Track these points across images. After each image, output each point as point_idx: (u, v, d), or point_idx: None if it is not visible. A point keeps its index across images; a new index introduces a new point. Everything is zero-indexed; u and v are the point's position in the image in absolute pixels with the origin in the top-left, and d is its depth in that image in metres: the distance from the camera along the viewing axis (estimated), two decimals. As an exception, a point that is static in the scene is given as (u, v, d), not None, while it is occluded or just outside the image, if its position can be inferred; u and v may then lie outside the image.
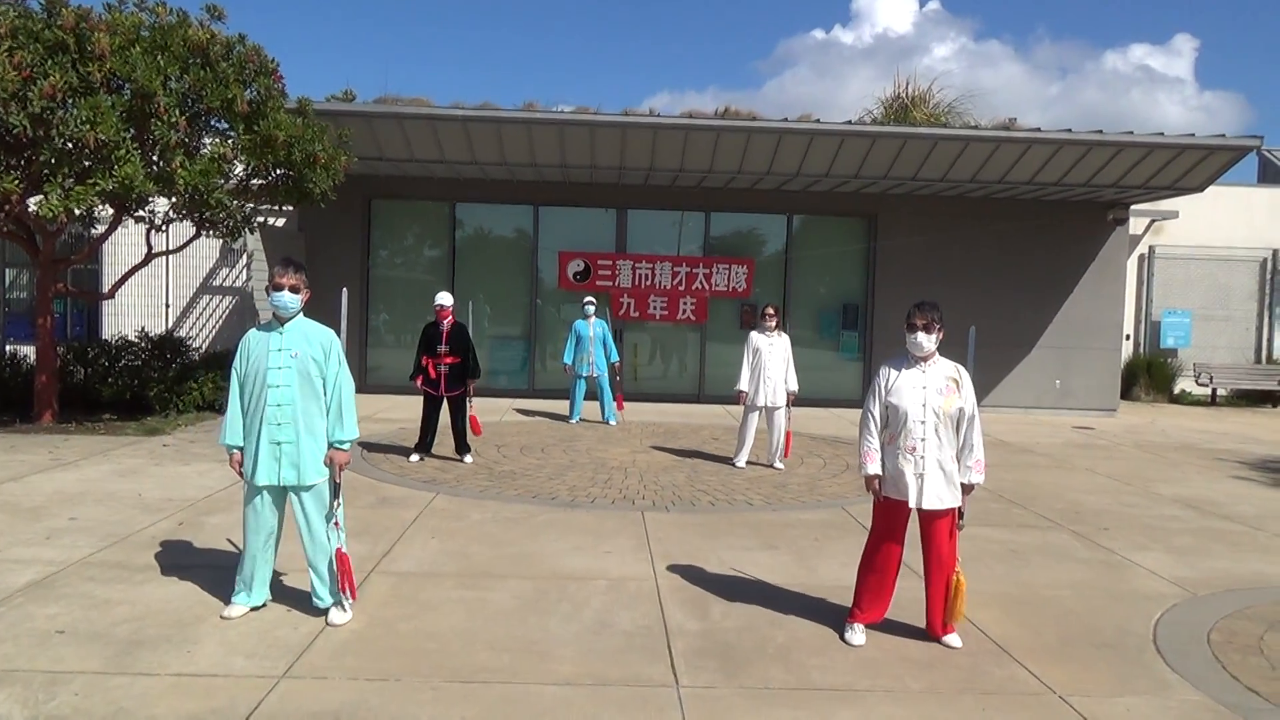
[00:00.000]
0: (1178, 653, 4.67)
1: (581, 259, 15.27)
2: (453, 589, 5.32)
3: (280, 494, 4.77)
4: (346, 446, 4.75)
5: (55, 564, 5.49)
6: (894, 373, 4.68)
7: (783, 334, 9.50)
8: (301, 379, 4.66)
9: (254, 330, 4.79)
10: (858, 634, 4.68)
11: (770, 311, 9.45)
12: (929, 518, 4.65)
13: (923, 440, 4.58)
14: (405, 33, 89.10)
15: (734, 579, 5.68)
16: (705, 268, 15.30)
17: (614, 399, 12.53)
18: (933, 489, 4.58)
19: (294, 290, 4.69)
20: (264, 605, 4.85)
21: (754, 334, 9.45)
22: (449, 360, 9.14)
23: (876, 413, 4.70)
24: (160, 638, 4.41)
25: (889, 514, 4.71)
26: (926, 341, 4.60)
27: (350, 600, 4.75)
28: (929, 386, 4.60)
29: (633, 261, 15.29)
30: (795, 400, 9.54)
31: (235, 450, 4.75)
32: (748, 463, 9.53)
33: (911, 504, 4.59)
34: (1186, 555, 6.60)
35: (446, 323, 9.18)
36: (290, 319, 4.73)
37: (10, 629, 4.47)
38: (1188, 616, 5.23)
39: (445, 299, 9.26)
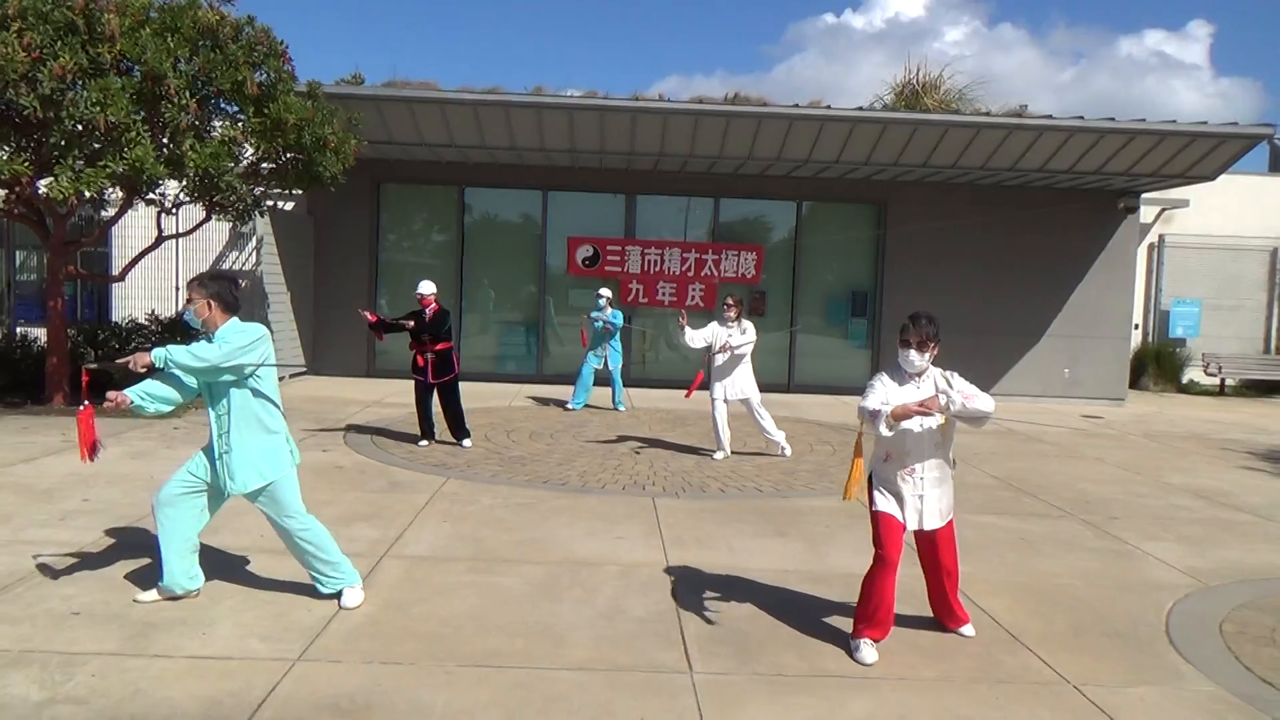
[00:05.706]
0: (1190, 643, 4.66)
1: (590, 244, 15.23)
2: (465, 573, 5.33)
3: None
4: (153, 356, 4.60)
5: (69, 545, 5.52)
6: (891, 384, 4.42)
7: (746, 324, 9.16)
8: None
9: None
10: (872, 650, 4.36)
11: (730, 303, 9.20)
12: (932, 534, 4.51)
13: (920, 462, 4.41)
14: (411, 25, 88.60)
15: (745, 565, 5.68)
16: (714, 254, 15.26)
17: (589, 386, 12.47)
18: (933, 508, 4.45)
19: (189, 302, 4.73)
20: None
21: (714, 325, 9.24)
22: (436, 348, 9.23)
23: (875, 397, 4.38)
24: (175, 620, 4.44)
25: (889, 532, 4.41)
26: (918, 359, 4.37)
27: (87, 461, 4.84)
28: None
29: (642, 247, 15.24)
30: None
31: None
32: (759, 451, 9.51)
33: (911, 526, 4.43)
34: (1197, 545, 6.59)
35: (429, 310, 9.25)
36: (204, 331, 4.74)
37: (26, 610, 4.49)
38: (1200, 607, 5.22)
39: (425, 288, 9.39)
